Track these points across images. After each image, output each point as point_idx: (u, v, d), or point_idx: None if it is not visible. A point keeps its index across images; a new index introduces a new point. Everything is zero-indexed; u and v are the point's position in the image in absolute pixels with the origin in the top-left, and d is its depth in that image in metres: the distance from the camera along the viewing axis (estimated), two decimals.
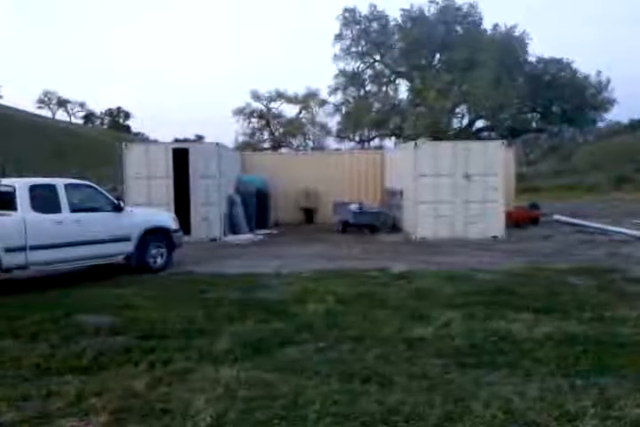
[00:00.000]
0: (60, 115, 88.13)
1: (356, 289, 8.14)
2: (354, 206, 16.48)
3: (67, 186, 9.05)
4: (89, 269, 9.98)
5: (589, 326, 6.07)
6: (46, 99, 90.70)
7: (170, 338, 5.84)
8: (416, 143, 14.67)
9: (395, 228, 16.27)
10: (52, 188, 8.86)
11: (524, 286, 8.36)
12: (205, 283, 8.83)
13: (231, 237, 14.72)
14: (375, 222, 16.24)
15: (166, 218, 10.56)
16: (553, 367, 4.79)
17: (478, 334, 5.95)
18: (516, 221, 15.97)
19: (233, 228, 15.58)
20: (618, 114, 48.94)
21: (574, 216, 19.19)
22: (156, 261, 10.06)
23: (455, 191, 14.41)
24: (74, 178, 11.30)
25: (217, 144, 14.61)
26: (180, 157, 14.44)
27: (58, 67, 56.07)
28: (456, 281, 8.81)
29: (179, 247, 10.65)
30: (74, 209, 8.98)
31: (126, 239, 9.63)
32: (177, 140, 45.90)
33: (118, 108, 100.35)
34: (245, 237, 14.88)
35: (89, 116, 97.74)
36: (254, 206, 16.80)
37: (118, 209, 9.59)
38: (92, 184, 9.97)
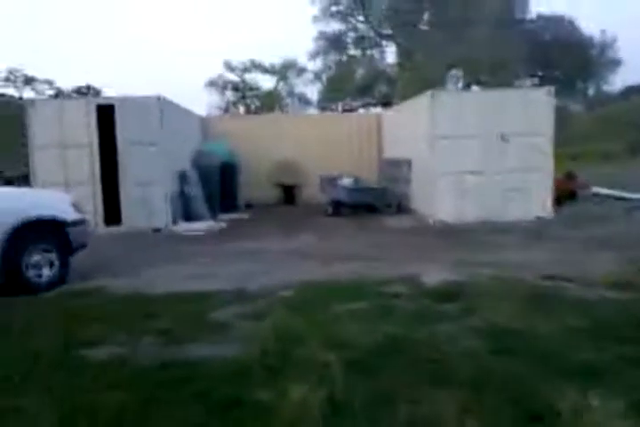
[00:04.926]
0: (28, 93, 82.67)
1: (378, 330, 4.33)
2: (347, 182, 12.65)
3: None
4: None
5: None
6: (12, 77, 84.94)
7: None
8: (432, 93, 10.78)
9: (400, 208, 12.48)
10: None
11: None
12: (110, 318, 4.97)
13: (183, 226, 10.81)
14: (376, 202, 12.43)
15: (58, 203, 6.56)
16: None
17: None
18: (560, 195, 12.17)
19: (188, 213, 11.68)
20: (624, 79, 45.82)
21: (611, 188, 15.52)
22: (40, 275, 6.16)
23: (487, 157, 10.62)
24: None
25: (159, 98, 10.50)
26: (111, 117, 10.44)
27: (23, 43, 51.18)
28: (545, 305, 5.06)
29: (82, 249, 6.76)
30: None
31: None
32: None
33: (88, 86, 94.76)
34: (202, 225, 10.94)
35: (58, 95, 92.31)
36: (217, 184, 12.87)
37: None
38: None
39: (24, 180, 10.67)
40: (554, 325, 4.42)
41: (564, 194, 13.47)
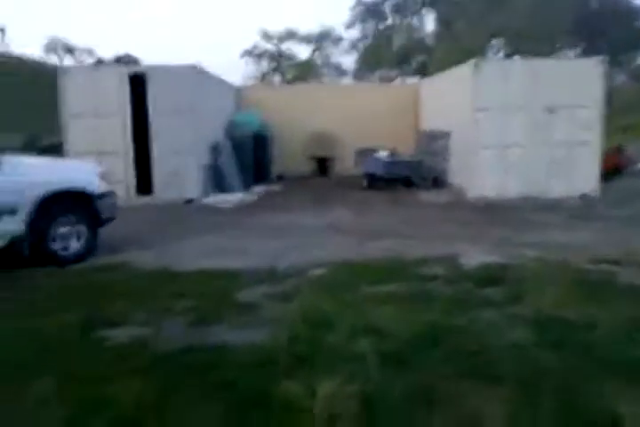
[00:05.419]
0: (68, 62, 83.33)
1: (414, 316, 4.05)
2: (383, 155, 12.28)
3: None
4: None
5: None
6: (52, 46, 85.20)
7: None
8: (476, 62, 10.25)
9: (437, 182, 12.07)
10: None
11: None
12: (134, 294, 4.81)
13: (215, 198, 10.62)
14: (413, 175, 12.05)
15: (87, 174, 6.41)
16: None
17: None
18: (606, 170, 11.52)
19: (220, 184, 11.48)
20: None
21: None
22: (66, 247, 6.03)
23: (531, 130, 10.11)
24: None
25: (193, 67, 10.20)
26: (143, 86, 10.22)
27: (64, 12, 51.70)
28: (595, 291, 4.68)
29: (109, 221, 6.60)
30: None
31: (9, 212, 5.58)
32: None
33: (127, 55, 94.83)
34: (234, 197, 10.74)
35: (97, 64, 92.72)
36: (250, 156, 12.63)
37: None
38: None
39: (57, 149, 10.59)
40: (606, 313, 4.07)
41: (611, 169, 12.85)
